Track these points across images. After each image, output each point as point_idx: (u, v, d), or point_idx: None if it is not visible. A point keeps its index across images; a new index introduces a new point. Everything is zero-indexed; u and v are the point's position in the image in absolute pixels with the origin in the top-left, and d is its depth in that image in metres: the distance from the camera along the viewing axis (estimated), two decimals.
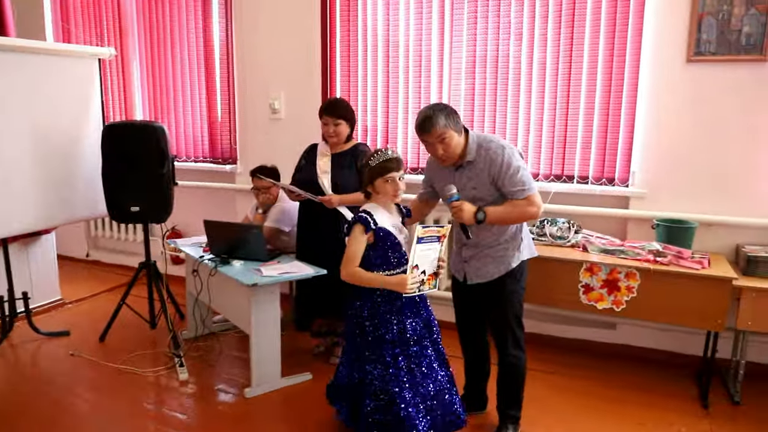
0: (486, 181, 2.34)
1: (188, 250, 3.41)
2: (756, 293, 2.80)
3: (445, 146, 2.33)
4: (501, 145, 2.35)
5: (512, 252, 2.43)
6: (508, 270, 2.42)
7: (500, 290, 2.45)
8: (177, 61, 4.56)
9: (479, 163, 2.36)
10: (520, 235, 2.45)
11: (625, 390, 3.10)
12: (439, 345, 2.45)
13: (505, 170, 2.30)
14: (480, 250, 2.45)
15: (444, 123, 2.29)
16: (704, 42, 3.12)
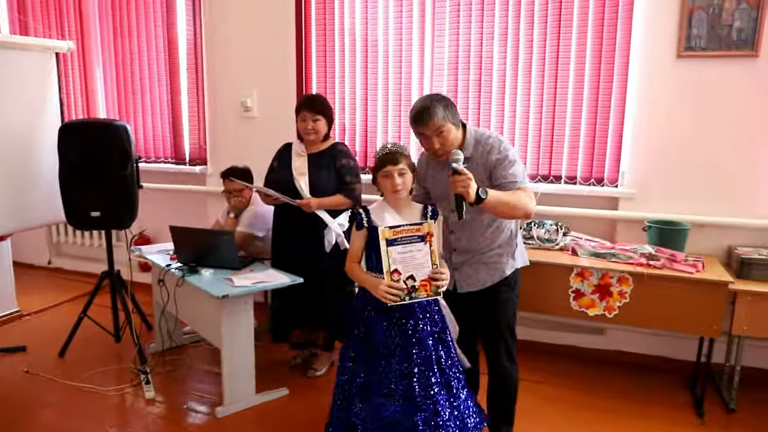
0: (482, 176, 2.15)
1: (154, 258, 3.18)
2: (751, 297, 2.70)
3: (442, 140, 2.15)
4: (498, 139, 2.19)
5: (506, 259, 2.27)
6: (502, 278, 2.26)
7: (493, 299, 2.28)
8: (142, 56, 4.30)
9: (476, 158, 2.18)
10: (514, 241, 2.29)
11: (618, 399, 2.97)
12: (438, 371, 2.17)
13: (501, 161, 2.13)
14: (472, 256, 2.28)
15: (442, 115, 2.12)
16: (695, 37, 3.01)
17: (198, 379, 3.16)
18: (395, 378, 2.14)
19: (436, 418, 2.07)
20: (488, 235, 2.23)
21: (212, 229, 3.37)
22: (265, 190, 2.94)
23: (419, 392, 2.10)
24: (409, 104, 3.60)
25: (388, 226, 2.09)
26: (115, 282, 3.42)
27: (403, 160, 2.16)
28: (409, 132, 3.59)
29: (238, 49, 3.97)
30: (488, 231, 2.22)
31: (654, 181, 3.18)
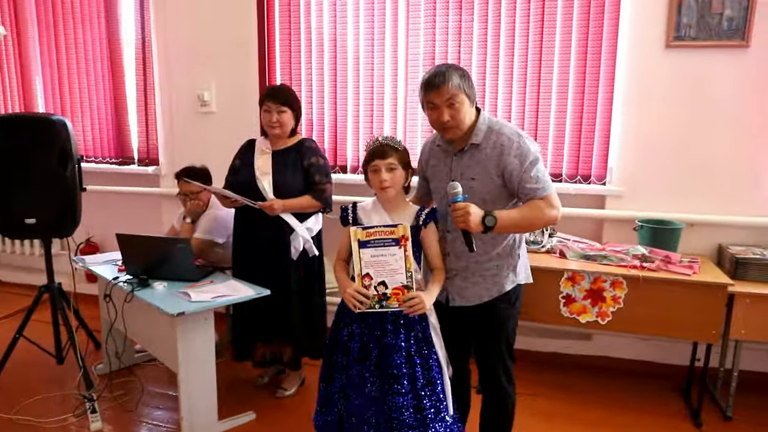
0: (491, 172, 1.91)
1: (99, 270, 2.82)
2: (750, 299, 2.55)
3: (453, 112, 1.88)
4: (516, 132, 1.93)
5: (506, 272, 2.01)
6: (500, 293, 2.01)
7: (491, 316, 2.03)
8: (78, 44, 3.89)
9: (486, 149, 1.92)
10: (517, 252, 2.03)
11: (610, 409, 2.80)
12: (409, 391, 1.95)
13: (520, 162, 1.87)
14: (466, 266, 2.02)
15: (458, 83, 1.86)
16: (684, 26, 2.86)
17: (153, 404, 2.82)
18: (367, 399, 1.96)
19: None
20: (487, 239, 1.97)
21: (165, 237, 3.03)
22: (222, 191, 2.63)
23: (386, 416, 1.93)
24: (382, 98, 3.34)
25: (361, 226, 1.93)
26: (55, 297, 3.03)
27: (394, 154, 1.98)
28: (383, 120, 3.35)
29: (193, 38, 3.63)
30: (488, 235, 1.96)
31: (643, 178, 3.01)
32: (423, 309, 1.91)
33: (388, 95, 3.33)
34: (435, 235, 2.03)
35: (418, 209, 2.04)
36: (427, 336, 2.00)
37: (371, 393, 1.96)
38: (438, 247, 2.03)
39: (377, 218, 2.02)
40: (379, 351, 1.96)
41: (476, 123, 1.96)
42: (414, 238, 1.96)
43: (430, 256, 2.04)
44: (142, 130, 3.84)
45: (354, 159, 3.46)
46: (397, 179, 1.99)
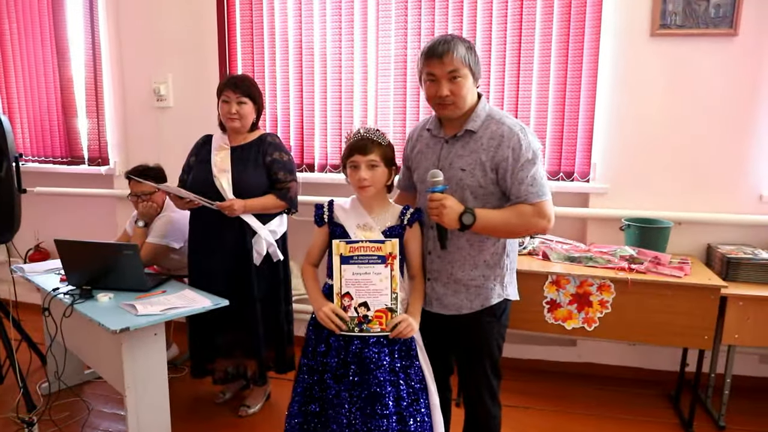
0: (485, 164, 1.69)
1: (39, 280, 2.54)
2: (743, 302, 2.41)
3: (454, 87, 1.67)
4: (520, 125, 1.72)
5: (493, 284, 1.79)
6: (484, 307, 1.80)
7: (475, 329, 1.82)
8: (21, 35, 3.58)
9: (482, 138, 1.71)
10: (505, 262, 1.81)
11: (599, 421, 2.63)
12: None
13: (516, 158, 1.66)
14: (450, 271, 1.80)
15: (463, 54, 1.65)
16: (670, 13, 2.71)
17: (101, 426, 2.55)
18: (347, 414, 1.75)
19: None
20: (475, 241, 1.76)
21: (110, 243, 2.74)
22: (176, 190, 2.38)
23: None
24: (351, 90, 3.12)
25: (344, 240, 1.72)
26: None
27: (376, 149, 1.79)
28: (353, 116, 3.14)
29: (147, 28, 3.37)
30: (476, 237, 1.75)
31: (628, 174, 2.86)
32: (412, 333, 1.75)
33: (357, 87, 3.12)
34: (419, 237, 1.85)
35: (403, 208, 1.86)
36: (410, 348, 1.80)
37: (351, 416, 1.75)
38: (419, 252, 1.85)
39: (356, 218, 1.83)
40: (358, 366, 1.75)
41: (475, 108, 1.75)
42: (400, 238, 1.81)
43: (411, 262, 1.86)
44: (93, 128, 3.54)
45: (321, 156, 3.23)
46: (378, 178, 1.80)
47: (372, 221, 1.82)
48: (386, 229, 1.82)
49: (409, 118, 3.02)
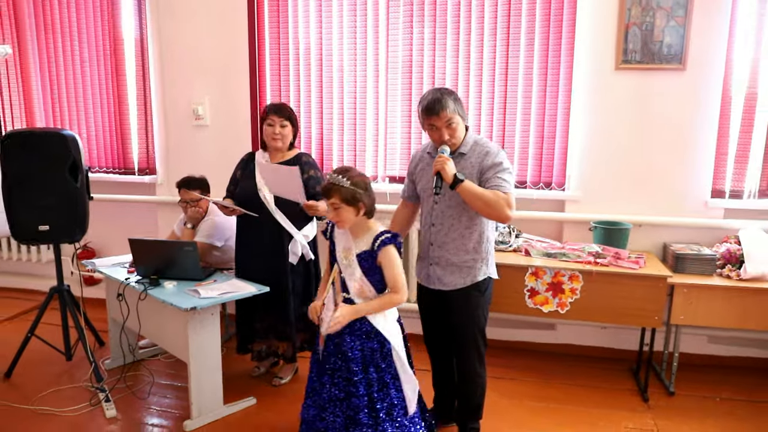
0: (474, 174, 2.29)
1: (110, 272, 3.08)
2: (687, 289, 2.96)
3: (451, 131, 2.28)
4: (498, 147, 2.35)
5: (479, 264, 2.38)
6: (473, 282, 2.37)
7: (465, 302, 2.39)
8: (84, 60, 4.12)
9: (471, 157, 2.32)
10: (486, 248, 2.40)
11: (573, 389, 3.17)
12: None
13: (496, 165, 2.27)
14: (448, 258, 2.38)
15: (453, 107, 2.25)
16: (630, 51, 3.26)
17: (160, 393, 3.09)
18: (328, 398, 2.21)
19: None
20: (462, 230, 2.34)
21: (174, 241, 3.30)
22: (221, 202, 2.91)
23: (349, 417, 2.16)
24: (364, 111, 3.67)
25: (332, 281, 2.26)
26: (65, 297, 3.28)
27: (336, 194, 2.09)
28: (365, 139, 3.69)
29: (189, 56, 3.90)
30: (465, 230, 2.33)
31: (597, 184, 3.40)
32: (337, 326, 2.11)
33: (370, 109, 3.66)
34: (392, 259, 2.14)
35: (378, 234, 2.16)
36: (385, 352, 2.17)
37: (332, 393, 2.18)
38: (395, 270, 2.15)
39: (344, 241, 2.21)
40: (338, 356, 2.19)
41: (465, 138, 2.35)
42: (372, 262, 2.16)
43: (386, 278, 2.18)
44: (142, 142, 4.09)
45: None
46: (344, 216, 2.12)
47: (353, 245, 2.18)
48: (361, 252, 2.16)
49: (414, 131, 3.58)
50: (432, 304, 2.48)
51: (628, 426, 2.82)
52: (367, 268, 2.16)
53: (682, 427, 2.81)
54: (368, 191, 2.14)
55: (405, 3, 3.47)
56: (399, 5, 3.49)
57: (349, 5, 3.57)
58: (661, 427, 2.81)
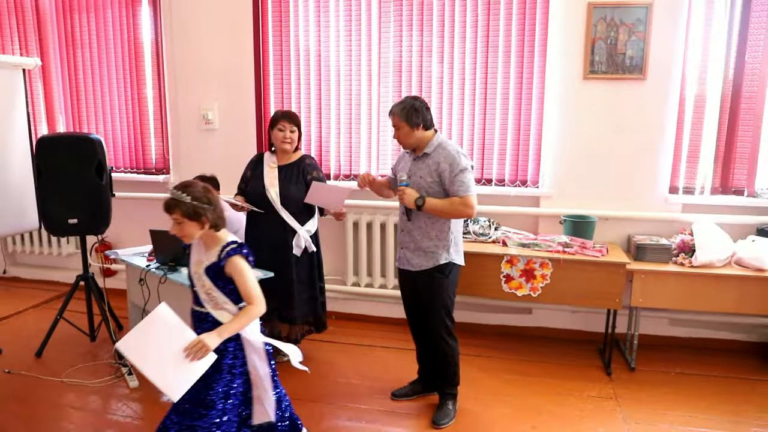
0: (433, 172, 2.71)
1: (132, 260, 3.46)
2: (645, 275, 3.33)
3: (398, 134, 2.78)
4: (457, 150, 2.73)
5: (441, 251, 2.76)
6: (435, 264, 2.76)
7: (430, 282, 2.79)
8: (103, 70, 4.52)
9: (434, 157, 2.72)
10: (448, 237, 2.77)
11: (544, 365, 3.55)
12: None
13: (455, 168, 2.66)
14: (416, 244, 2.79)
15: (398, 115, 2.73)
16: (597, 63, 3.64)
17: None
18: None
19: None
20: (426, 220, 2.75)
21: None
22: (232, 200, 3.29)
23: None
24: (359, 114, 4.06)
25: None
26: (90, 284, 3.66)
27: (176, 210, 2.09)
28: (360, 141, 4.07)
29: (200, 66, 4.28)
30: (429, 220, 2.75)
31: (568, 182, 3.78)
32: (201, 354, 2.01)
33: (364, 113, 4.04)
34: (241, 270, 2.11)
35: (224, 245, 2.15)
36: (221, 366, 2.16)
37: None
38: (247, 281, 2.12)
39: (197, 254, 2.24)
40: None
41: (431, 140, 2.74)
42: (221, 273, 2.14)
43: (240, 291, 2.14)
44: (158, 144, 4.48)
45: (336, 168, 4.16)
46: (187, 231, 2.12)
47: (204, 258, 2.18)
48: (209, 264, 2.15)
49: None
50: (407, 284, 2.90)
51: (591, 394, 3.19)
52: (215, 279, 2.15)
53: (638, 394, 3.19)
54: (212, 204, 2.12)
55: (395, 18, 3.86)
56: (389, 20, 3.88)
57: (345, 18, 3.95)
58: (620, 395, 3.18)
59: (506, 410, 3.02)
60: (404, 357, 3.51)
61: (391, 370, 3.44)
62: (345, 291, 4.26)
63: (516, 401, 3.11)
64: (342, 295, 4.29)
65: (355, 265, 4.23)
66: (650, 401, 3.12)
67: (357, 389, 3.25)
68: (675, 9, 3.48)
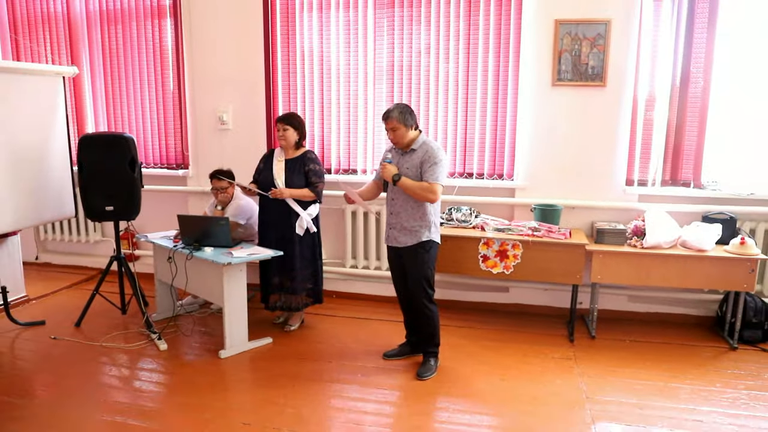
0: (417, 165, 3.23)
1: (161, 242, 4.01)
2: (603, 255, 3.87)
3: (393, 135, 3.27)
4: (440, 148, 3.26)
5: (423, 230, 3.29)
6: (418, 241, 3.30)
7: (414, 256, 3.32)
8: (130, 76, 5.08)
9: (419, 152, 3.25)
10: (429, 219, 3.30)
11: (517, 334, 4.09)
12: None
13: (430, 160, 3.19)
14: (398, 222, 3.33)
15: (396, 117, 3.22)
16: (563, 72, 4.18)
17: (198, 337, 4.01)
18: None
19: None
20: (411, 204, 3.27)
21: (212, 216, 4.22)
22: (242, 184, 3.89)
23: None
24: (356, 112, 4.60)
25: None
26: (122, 263, 4.20)
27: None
28: (357, 134, 4.61)
29: (216, 72, 4.82)
30: (414, 203, 3.26)
31: (539, 175, 4.32)
32: None
33: (360, 116, 4.59)
34: None
35: None
36: None
37: None
38: None
39: None
40: None
41: (417, 138, 3.27)
42: None
43: None
44: (178, 143, 5.03)
45: (336, 163, 4.71)
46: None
47: None
48: None
49: None
50: (394, 259, 3.43)
51: (554, 356, 3.73)
52: None
53: (595, 356, 3.73)
54: None
55: (388, 30, 4.41)
56: (383, 33, 4.43)
57: (345, 30, 4.51)
58: (579, 356, 3.72)
59: (481, 367, 3.56)
60: (394, 327, 4.05)
61: (383, 337, 3.98)
62: (344, 272, 4.81)
63: (490, 360, 3.65)
64: (342, 276, 4.84)
65: (353, 249, 4.77)
66: (604, 361, 3.66)
67: (354, 351, 3.79)
68: (629, 25, 4.02)
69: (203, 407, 3.05)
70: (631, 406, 3.09)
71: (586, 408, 3.07)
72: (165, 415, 3.00)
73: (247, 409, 3.06)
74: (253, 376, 3.47)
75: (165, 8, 4.89)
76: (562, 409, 3.07)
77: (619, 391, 3.26)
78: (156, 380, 3.40)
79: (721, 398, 3.19)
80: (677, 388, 3.30)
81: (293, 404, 3.08)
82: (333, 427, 2.91)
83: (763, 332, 3.94)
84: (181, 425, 2.89)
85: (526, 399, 3.17)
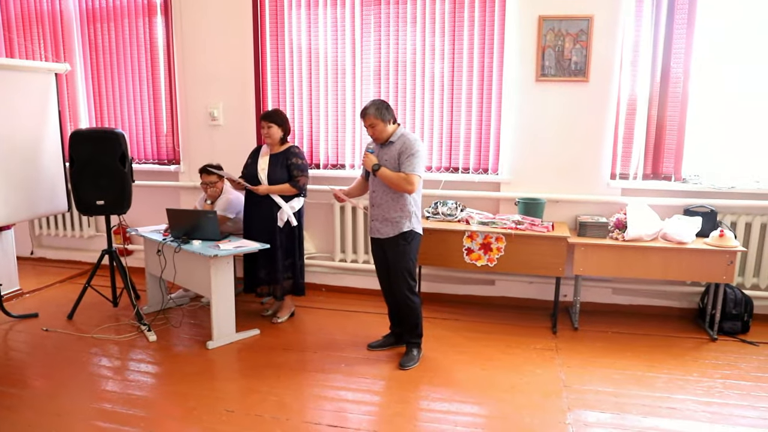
0: (395, 156, 3.31)
1: (150, 235, 4.08)
2: (584, 247, 3.94)
3: (372, 130, 3.34)
4: (417, 139, 3.33)
5: (404, 221, 3.36)
6: (399, 232, 3.36)
7: (395, 247, 3.39)
8: (121, 73, 5.15)
9: (397, 144, 3.32)
10: (410, 210, 3.36)
11: (501, 326, 4.15)
12: None
13: (408, 152, 3.27)
14: (381, 213, 3.40)
15: (373, 113, 3.30)
16: (547, 67, 4.24)
17: (187, 328, 4.09)
18: None
19: None
20: (391, 195, 3.33)
21: (200, 210, 4.30)
22: (231, 176, 3.96)
23: None
24: (343, 108, 4.67)
25: None
26: (113, 256, 4.28)
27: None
28: (345, 130, 4.68)
29: (206, 69, 4.89)
30: (394, 195, 3.33)
31: (524, 170, 4.38)
32: None
33: (348, 113, 4.65)
34: None
35: None
36: None
37: None
38: None
39: None
40: None
41: (395, 131, 3.34)
42: None
43: None
44: (169, 139, 5.10)
45: (324, 158, 4.78)
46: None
47: None
48: None
49: None
50: (377, 250, 3.50)
51: (536, 347, 3.80)
52: None
53: (576, 347, 3.80)
54: None
55: (375, 28, 4.47)
56: (370, 31, 4.49)
57: (332, 28, 4.57)
58: (560, 347, 3.79)
59: (463, 357, 3.63)
60: (380, 320, 4.11)
61: (370, 328, 4.05)
62: (333, 266, 4.89)
63: (472, 351, 3.72)
64: (331, 270, 4.91)
65: (342, 243, 4.84)
66: (585, 352, 3.73)
67: (340, 343, 3.86)
68: (611, 21, 4.08)
69: (189, 395, 3.12)
70: (607, 395, 3.16)
71: (563, 396, 3.14)
72: (152, 403, 3.08)
73: (232, 397, 3.13)
74: (238, 366, 3.54)
75: (156, 6, 4.96)
76: (540, 397, 3.13)
77: (597, 381, 3.32)
78: (144, 370, 3.47)
79: (696, 387, 3.26)
80: (654, 378, 3.37)
81: (276, 392, 3.15)
82: (314, 413, 2.98)
83: (743, 323, 4.00)
84: (167, 412, 2.97)
85: (504, 387, 3.23)
